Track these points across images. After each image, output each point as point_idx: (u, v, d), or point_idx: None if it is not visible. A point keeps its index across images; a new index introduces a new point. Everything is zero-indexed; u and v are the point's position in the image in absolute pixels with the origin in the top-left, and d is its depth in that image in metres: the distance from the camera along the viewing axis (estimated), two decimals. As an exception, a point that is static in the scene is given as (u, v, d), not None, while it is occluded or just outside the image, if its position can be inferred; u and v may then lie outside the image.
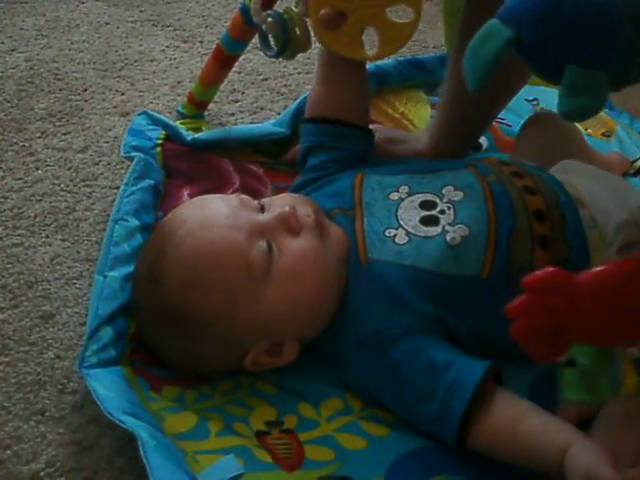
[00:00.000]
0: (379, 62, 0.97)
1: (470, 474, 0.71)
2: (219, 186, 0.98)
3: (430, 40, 1.40)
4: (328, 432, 0.74)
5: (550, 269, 0.61)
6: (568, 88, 0.58)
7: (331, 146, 0.90)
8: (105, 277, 0.82)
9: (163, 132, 1.02)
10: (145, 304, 0.78)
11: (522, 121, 1.01)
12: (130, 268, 0.83)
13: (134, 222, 0.88)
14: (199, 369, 0.77)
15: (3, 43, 1.30)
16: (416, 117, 1.11)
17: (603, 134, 1.11)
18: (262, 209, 0.78)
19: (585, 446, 0.65)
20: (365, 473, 0.71)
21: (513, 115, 1.10)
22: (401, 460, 0.72)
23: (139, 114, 1.04)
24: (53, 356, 0.83)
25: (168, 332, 0.76)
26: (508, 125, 1.10)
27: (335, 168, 0.88)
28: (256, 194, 0.95)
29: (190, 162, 1.00)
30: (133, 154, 0.97)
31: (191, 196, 0.95)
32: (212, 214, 0.77)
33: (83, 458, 0.74)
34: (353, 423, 0.75)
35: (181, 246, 0.75)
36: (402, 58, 1.17)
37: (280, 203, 0.78)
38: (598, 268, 0.63)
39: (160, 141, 1.01)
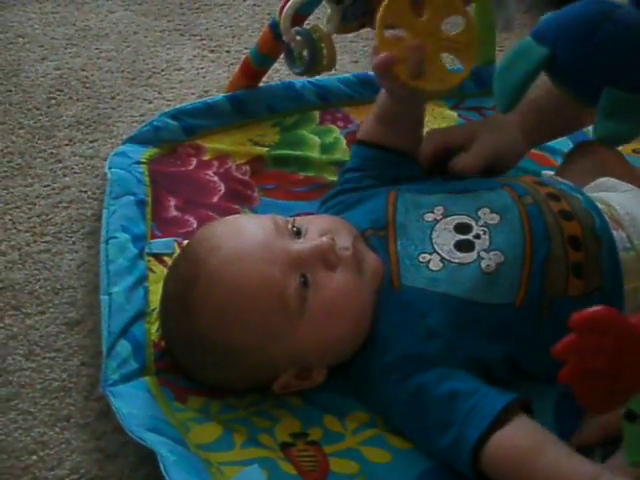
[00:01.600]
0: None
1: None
2: (204, 194, 0.99)
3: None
4: (353, 445, 0.73)
5: (600, 307, 0.57)
6: (605, 112, 0.56)
7: (379, 168, 0.88)
8: (110, 295, 0.83)
9: (149, 152, 1.03)
10: (174, 328, 0.77)
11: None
12: (131, 278, 0.85)
13: (123, 236, 0.90)
14: (226, 389, 0.77)
15: (34, 52, 1.31)
16: None
17: (634, 150, 1.09)
18: (298, 233, 0.77)
19: (614, 477, 0.63)
20: (390, 487, 0.70)
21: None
22: (424, 475, 0.72)
23: (123, 142, 1.06)
24: (79, 363, 0.83)
25: (197, 357, 0.76)
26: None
27: (370, 182, 0.87)
28: (243, 198, 1.00)
29: (173, 179, 1.01)
30: (112, 170, 0.99)
31: (177, 206, 0.97)
32: (247, 243, 0.74)
33: (107, 466, 0.74)
34: (379, 436, 0.74)
35: (215, 277, 0.73)
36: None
37: (317, 229, 0.77)
38: None
39: (144, 159, 1.02)
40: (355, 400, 0.77)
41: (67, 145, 1.12)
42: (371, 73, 1.17)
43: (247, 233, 0.76)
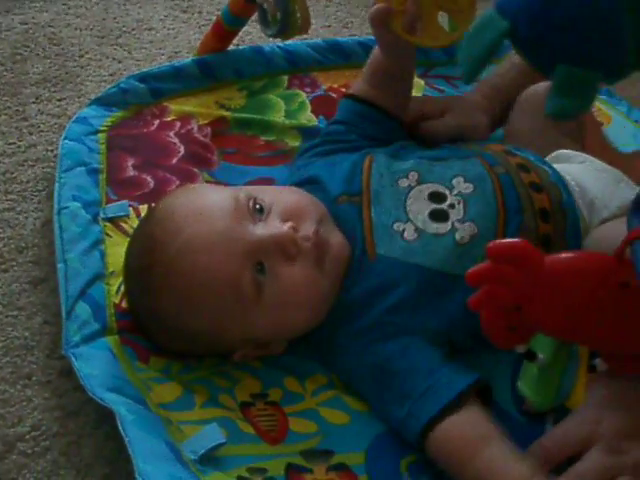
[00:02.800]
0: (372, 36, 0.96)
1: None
2: (163, 155, 0.99)
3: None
4: (312, 405, 0.75)
5: (518, 240, 0.58)
6: (556, 88, 0.56)
7: (364, 125, 0.89)
8: (65, 261, 0.83)
9: (111, 119, 1.02)
10: (136, 302, 0.78)
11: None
12: (85, 243, 0.85)
13: (74, 205, 0.90)
14: (186, 355, 0.78)
15: (-2, 5, 1.29)
16: None
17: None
18: (260, 210, 0.75)
19: (548, 477, 0.64)
20: (346, 447, 0.72)
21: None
22: (381, 437, 0.73)
23: (89, 104, 1.05)
24: (42, 321, 0.84)
25: (156, 329, 0.76)
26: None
27: (354, 137, 0.87)
28: (202, 161, 0.99)
29: (132, 140, 1.01)
30: (64, 143, 0.98)
31: (136, 166, 0.97)
32: (205, 230, 0.72)
33: (68, 423, 0.75)
34: (336, 397, 0.76)
35: (172, 264, 0.72)
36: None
37: (280, 211, 0.75)
38: (570, 254, 0.60)
39: (105, 128, 1.01)
40: (315, 363, 0.78)
41: (34, 103, 1.11)
42: (341, 39, 1.17)
43: (205, 218, 0.74)
